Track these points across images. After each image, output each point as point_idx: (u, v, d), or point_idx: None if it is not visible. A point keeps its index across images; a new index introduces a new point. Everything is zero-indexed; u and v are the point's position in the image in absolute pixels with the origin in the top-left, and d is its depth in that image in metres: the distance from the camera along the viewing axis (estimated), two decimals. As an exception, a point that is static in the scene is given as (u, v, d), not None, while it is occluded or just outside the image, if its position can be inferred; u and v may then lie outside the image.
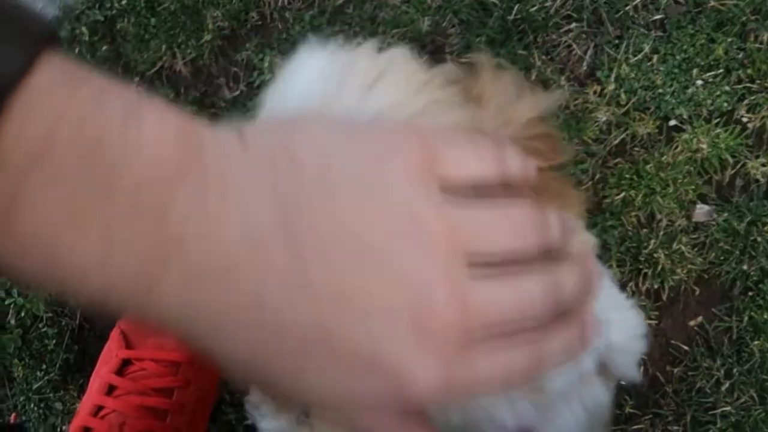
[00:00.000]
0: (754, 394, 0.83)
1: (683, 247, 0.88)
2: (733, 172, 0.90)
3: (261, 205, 0.25)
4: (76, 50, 1.02)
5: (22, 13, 0.23)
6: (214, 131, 0.26)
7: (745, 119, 0.91)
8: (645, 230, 0.90)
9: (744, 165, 0.89)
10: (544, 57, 0.97)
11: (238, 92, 1.00)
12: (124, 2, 1.02)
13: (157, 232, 0.23)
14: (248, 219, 0.24)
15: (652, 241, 0.88)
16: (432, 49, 0.99)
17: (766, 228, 0.86)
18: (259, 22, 1.02)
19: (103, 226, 0.22)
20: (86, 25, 1.02)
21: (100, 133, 0.22)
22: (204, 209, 0.24)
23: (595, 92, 0.95)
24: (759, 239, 0.85)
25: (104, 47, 1.02)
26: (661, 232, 0.89)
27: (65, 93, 0.22)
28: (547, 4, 0.97)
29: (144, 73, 1.02)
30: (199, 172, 0.24)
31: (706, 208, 0.89)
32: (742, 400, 0.83)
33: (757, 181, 0.89)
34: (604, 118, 0.94)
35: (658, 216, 0.90)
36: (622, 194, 0.90)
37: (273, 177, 0.25)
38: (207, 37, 1.01)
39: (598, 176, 0.92)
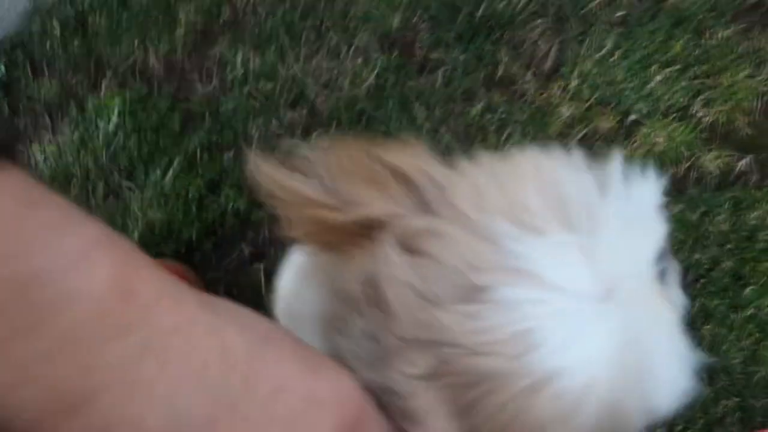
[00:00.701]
0: (704, 376, 0.89)
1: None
2: (687, 165, 0.94)
3: (193, 396, 0.24)
4: (48, 45, 1.02)
5: None
6: (171, 288, 0.25)
7: (700, 114, 0.95)
8: (605, 221, 0.94)
9: (698, 158, 0.94)
10: (510, 53, 1.00)
11: (211, 87, 1.01)
12: (95, -3, 1.02)
13: (77, 378, 0.22)
14: (177, 405, 0.23)
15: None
16: (401, 45, 1.01)
17: (717, 218, 0.90)
18: (232, 18, 1.03)
19: (26, 355, 0.21)
20: (58, 20, 1.02)
21: (46, 268, 0.21)
22: (137, 374, 0.23)
23: (559, 87, 0.98)
24: (711, 229, 0.90)
25: (76, 42, 1.02)
26: (620, 223, 0.93)
27: (17, 218, 0.21)
28: (513, 2, 1.00)
29: (116, 68, 1.02)
30: (144, 334, 0.23)
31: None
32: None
33: (711, 173, 0.93)
34: (568, 113, 0.97)
35: (618, 208, 0.94)
36: (584, 187, 0.94)
37: (214, 368, 0.25)
38: (180, 32, 1.02)
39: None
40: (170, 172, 0.95)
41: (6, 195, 0.21)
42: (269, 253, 0.92)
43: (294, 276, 0.51)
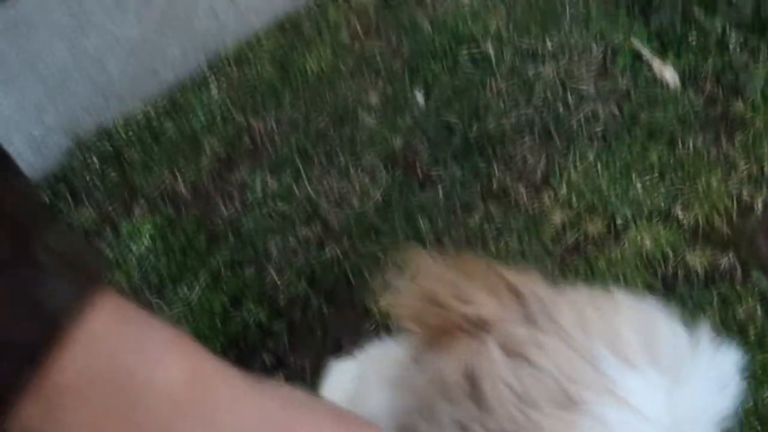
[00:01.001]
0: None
1: (636, 335, 0.98)
2: (674, 264, 1.01)
3: None
4: (87, 177, 1.14)
5: (84, 256, 0.29)
6: (229, 376, 0.32)
7: (680, 216, 1.04)
8: (602, 320, 1.00)
9: (683, 258, 1.01)
10: (502, 167, 1.10)
11: (233, 210, 1.11)
12: (130, 133, 1.15)
13: None
14: None
15: (609, 330, 0.99)
16: (404, 165, 1.12)
17: (707, 315, 0.96)
18: (252, 146, 1.15)
19: None
20: (96, 155, 1.15)
21: (132, 369, 0.28)
22: None
23: (549, 197, 1.08)
24: (701, 325, 0.96)
25: (112, 174, 1.14)
26: (616, 322, 0.99)
27: (112, 334, 0.28)
28: (502, 122, 1.12)
29: (148, 195, 1.13)
30: (208, 412, 0.30)
31: (654, 299, 0.99)
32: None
33: (696, 272, 1.00)
34: (559, 220, 1.06)
35: (612, 307, 1.00)
36: (579, 288, 1.01)
37: None
38: (205, 161, 1.14)
39: (557, 273, 1.03)
40: (196, 289, 1.03)
41: (106, 312, 0.28)
42: (289, 362, 0.99)
43: (349, 381, 0.58)
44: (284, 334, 1.00)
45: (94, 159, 1.14)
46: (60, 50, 1.23)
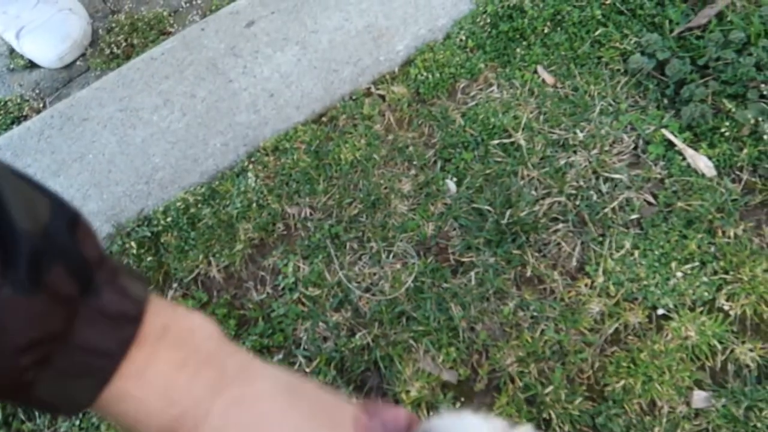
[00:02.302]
0: None
1: (687, 434, 0.91)
2: (723, 357, 0.96)
3: None
4: (125, 262, 1.17)
5: (135, 284, 0.35)
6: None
7: (726, 307, 0.99)
8: (648, 417, 0.94)
9: (732, 351, 0.96)
10: (536, 254, 1.08)
11: (264, 295, 1.11)
12: (169, 219, 1.19)
13: None
14: None
15: (656, 428, 0.92)
16: (436, 251, 1.11)
17: (764, 413, 0.89)
18: (285, 232, 1.17)
19: None
20: (135, 240, 1.18)
21: (183, 408, 0.35)
22: None
23: (586, 285, 1.05)
24: (759, 425, 0.89)
25: (149, 258, 1.16)
26: (664, 419, 0.93)
27: (127, 400, 0.35)
28: (535, 209, 1.11)
29: (182, 279, 1.14)
30: None
31: (703, 394, 0.93)
32: None
33: (748, 366, 0.94)
34: (597, 309, 1.02)
35: (659, 403, 0.94)
36: (622, 382, 0.96)
37: None
38: (239, 246, 1.15)
39: (597, 365, 0.98)
40: (223, 375, 1.01)
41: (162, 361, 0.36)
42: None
43: None
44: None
45: (133, 244, 1.17)
46: (109, 142, 1.30)
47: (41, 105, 1.49)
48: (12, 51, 1.56)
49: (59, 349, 0.31)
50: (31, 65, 1.54)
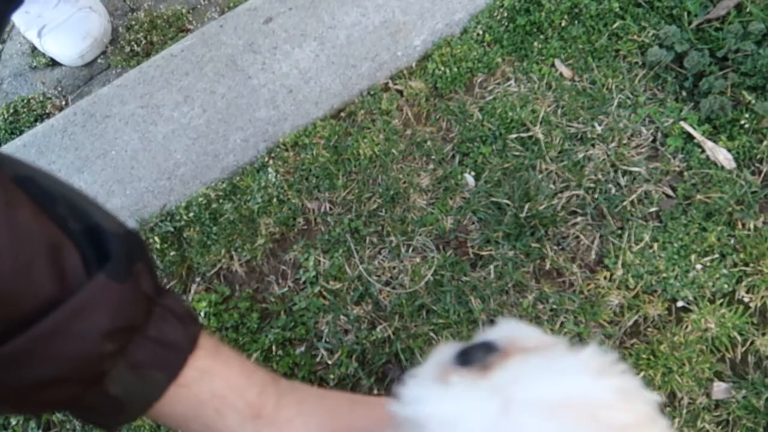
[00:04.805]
0: None
1: (707, 425, 0.92)
2: (743, 349, 0.96)
3: None
4: (148, 256, 1.19)
5: (186, 312, 0.37)
6: None
7: (746, 299, 0.99)
8: (668, 408, 0.94)
9: (753, 342, 0.96)
10: (555, 248, 1.09)
11: (286, 288, 1.13)
12: (191, 214, 1.21)
13: None
14: None
15: (677, 419, 0.93)
16: (455, 245, 1.12)
17: (784, 404, 0.90)
18: (305, 227, 1.18)
19: None
20: (158, 236, 1.20)
21: (263, 384, 0.38)
22: None
23: (605, 278, 1.05)
24: (779, 416, 0.89)
25: (172, 253, 1.18)
26: (684, 411, 0.93)
27: (213, 377, 0.36)
28: (554, 202, 1.12)
29: (204, 274, 1.16)
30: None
31: (723, 385, 0.94)
32: None
33: (768, 357, 0.95)
34: (616, 302, 1.03)
35: (679, 394, 0.95)
36: (642, 374, 0.96)
37: None
38: (260, 241, 1.17)
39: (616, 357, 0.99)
40: (247, 367, 1.03)
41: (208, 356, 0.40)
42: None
43: None
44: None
45: (156, 239, 1.19)
46: (131, 138, 1.32)
47: (63, 103, 1.52)
48: (34, 50, 1.59)
49: (136, 340, 0.33)
50: (53, 63, 1.56)
